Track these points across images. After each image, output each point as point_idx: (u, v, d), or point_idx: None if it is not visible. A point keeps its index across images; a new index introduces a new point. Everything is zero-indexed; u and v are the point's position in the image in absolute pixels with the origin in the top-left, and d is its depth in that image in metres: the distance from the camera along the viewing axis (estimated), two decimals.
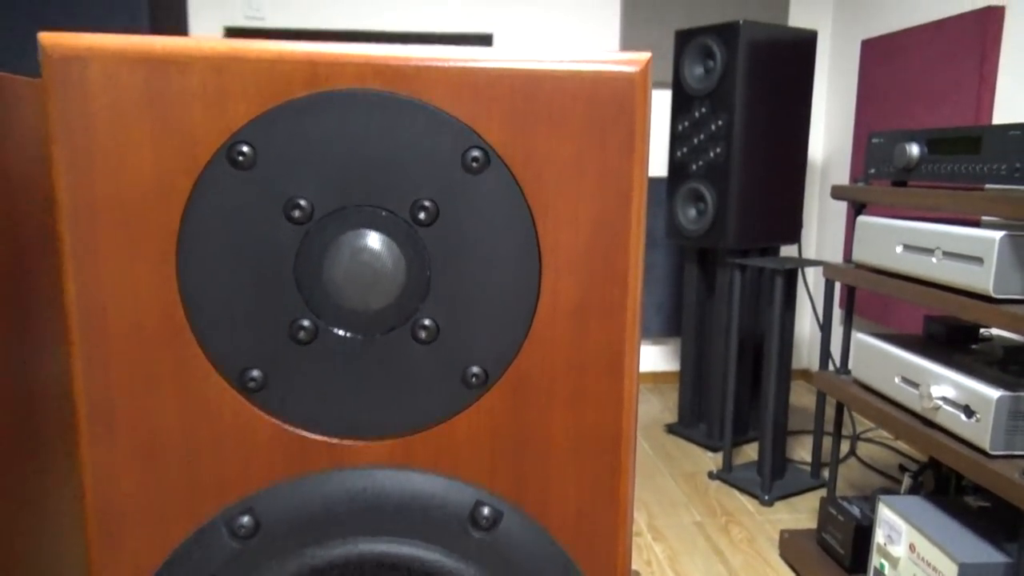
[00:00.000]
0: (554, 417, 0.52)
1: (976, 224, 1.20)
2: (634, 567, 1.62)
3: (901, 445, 2.34)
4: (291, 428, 0.51)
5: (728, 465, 2.10)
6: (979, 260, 1.11)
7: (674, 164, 2.30)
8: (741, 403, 2.33)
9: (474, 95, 0.48)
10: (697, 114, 2.21)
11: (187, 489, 0.50)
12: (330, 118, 0.47)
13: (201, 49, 0.46)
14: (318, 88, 0.47)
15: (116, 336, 0.49)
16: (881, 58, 2.50)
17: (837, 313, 2.74)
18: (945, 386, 1.19)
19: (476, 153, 0.48)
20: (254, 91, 0.47)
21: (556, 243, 0.50)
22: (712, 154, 2.17)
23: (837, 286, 2.52)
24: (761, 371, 2.33)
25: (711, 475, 2.11)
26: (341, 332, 0.50)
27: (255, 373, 0.50)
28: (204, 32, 2.61)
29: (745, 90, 2.11)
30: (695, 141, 2.22)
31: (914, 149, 1.30)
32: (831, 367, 1.64)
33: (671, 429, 2.46)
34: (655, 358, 2.99)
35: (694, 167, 2.23)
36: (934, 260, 1.22)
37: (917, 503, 1.28)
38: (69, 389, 1.04)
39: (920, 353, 1.30)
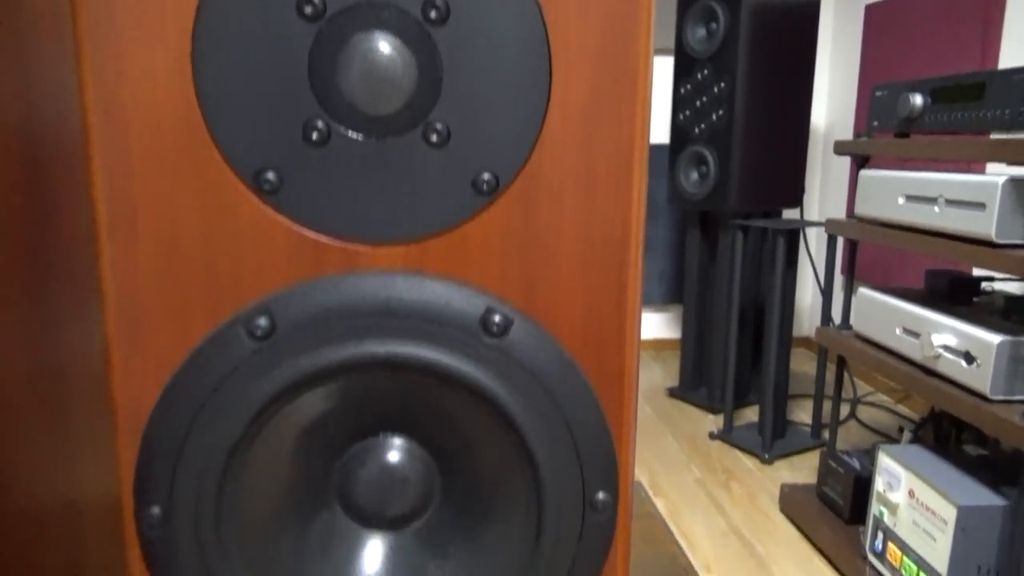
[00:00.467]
0: (564, 223, 0.53)
1: (976, 172, 1.21)
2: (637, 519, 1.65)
3: (902, 408, 2.36)
4: (305, 230, 0.51)
5: (729, 426, 2.11)
6: (981, 206, 1.12)
7: (676, 128, 2.29)
8: (742, 367, 2.35)
9: None
10: (699, 76, 2.20)
11: (206, 288, 0.51)
12: None
13: None
14: None
15: (135, 134, 0.49)
16: (885, 23, 2.49)
17: (839, 280, 2.74)
18: (946, 334, 1.20)
19: None
20: None
21: (566, 42, 0.50)
22: (714, 117, 2.16)
23: (839, 248, 2.52)
24: (762, 336, 2.34)
25: (712, 436, 2.13)
26: (354, 134, 0.50)
27: (270, 175, 0.50)
28: None
29: (747, 53, 2.10)
30: (697, 104, 2.21)
31: (917, 99, 1.30)
32: (832, 326, 1.64)
33: (672, 393, 2.47)
34: (657, 326, 3.00)
35: (696, 131, 2.23)
36: (936, 209, 1.23)
37: (916, 452, 1.29)
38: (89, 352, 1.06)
39: (921, 304, 1.30)
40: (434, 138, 0.50)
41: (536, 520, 0.53)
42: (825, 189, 2.91)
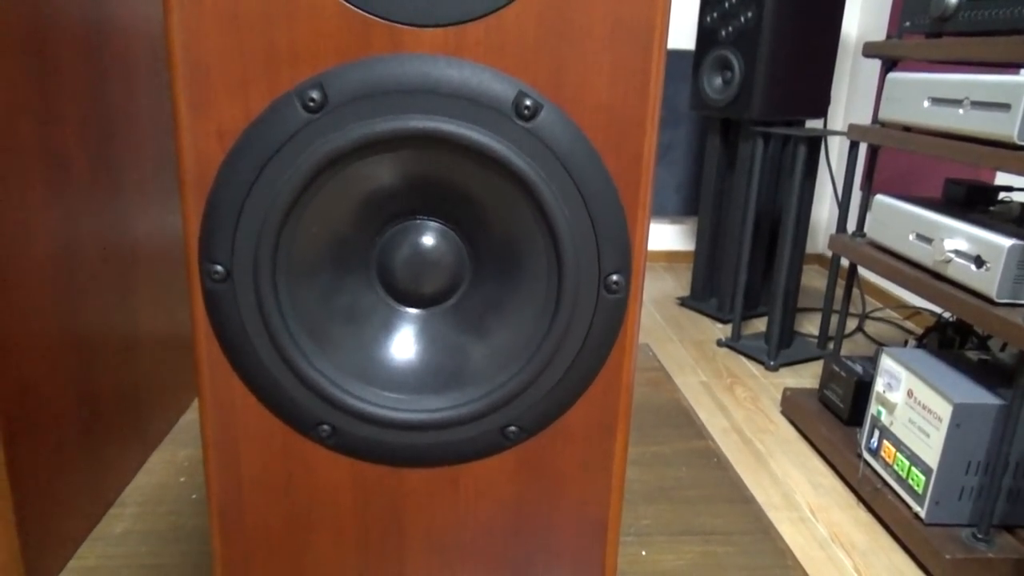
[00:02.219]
0: (594, 11, 0.56)
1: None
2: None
3: (910, 324, 2.38)
4: (356, 9, 0.55)
5: (737, 334, 2.15)
6: (1007, 107, 1.10)
7: (703, 30, 2.24)
8: (754, 279, 2.36)
9: None
10: None
11: (264, 61, 0.56)
12: None
13: None
14: None
15: None
16: None
17: (858, 193, 2.72)
18: (958, 239, 1.20)
19: None
20: None
21: None
22: (743, 19, 2.10)
23: (861, 158, 2.48)
24: (776, 248, 2.34)
25: (719, 343, 2.16)
26: None
27: None
28: None
29: None
30: (726, 5, 2.15)
31: None
32: (847, 234, 1.65)
33: (683, 302, 2.50)
34: (671, 237, 3.00)
35: (723, 34, 2.17)
36: (961, 111, 1.21)
37: (918, 354, 1.32)
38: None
39: (936, 210, 1.30)
40: None
41: (555, 297, 0.59)
42: (851, 100, 2.85)
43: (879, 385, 1.34)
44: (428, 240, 0.61)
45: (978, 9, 1.21)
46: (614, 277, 0.60)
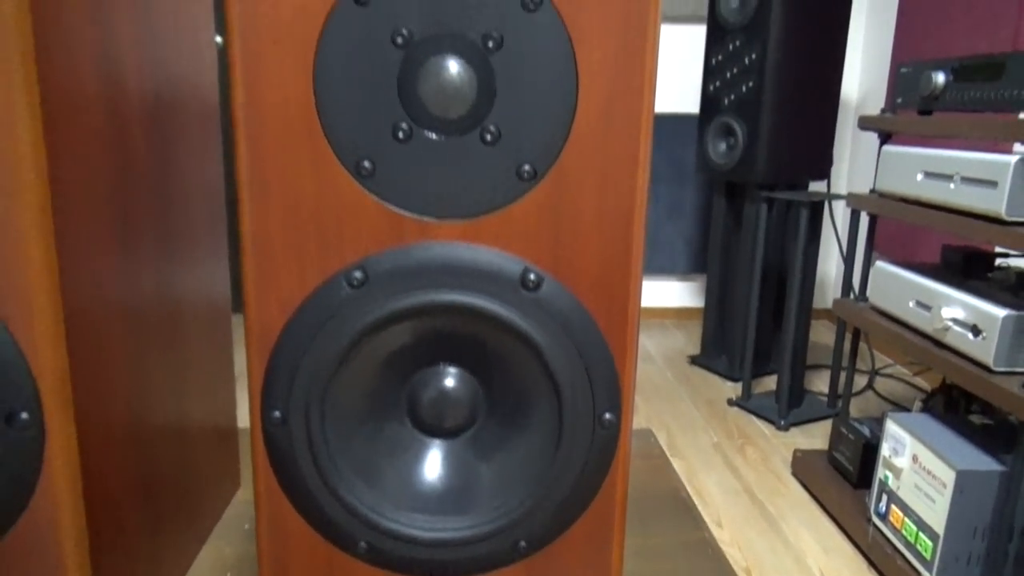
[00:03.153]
0: (584, 203, 0.68)
1: (1001, 152, 1.24)
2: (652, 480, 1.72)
3: (919, 381, 2.39)
4: (392, 208, 0.67)
5: (747, 393, 2.17)
6: (993, 184, 1.15)
7: (706, 98, 2.32)
8: (762, 337, 2.40)
9: None
10: (731, 47, 2.22)
11: (317, 245, 0.68)
12: None
13: None
14: None
15: (269, 124, 0.65)
16: None
17: (862, 258, 2.76)
18: (955, 307, 1.24)
19: None
20: None
21: (590, 64, 0.65)
22: (744, 88, 2.18)
23: (863, 221, 2.54)
24: (784, 307, 2.38)
25: (730, 402, 2.19)
26: (429, 133, 0.66)
27: (366, 163, 0.66)
28: None
29: (780, 23, 2.11)
30: (728, 75, 2.23)
31: (939, 77, 1.32)
32: (852, 297, 1.69)
33: (694, 360, 2.53)
34: (681, 294, 3.05)
35: (726, 101, 2.25)
36: (952, 186, 1.26)
37: (923, 419, 1.35)
38: (170, 291, 1.15)
39: (934, 278, 1.34)
40: (488, 137, 0.66)
41: (557, 433, 0.70)
42: (855, 161, 2.91)
43: (885, 450, 1.37)
44: (449, 383, 0.73)
45: (964, 90, 1.27)
46: (607, 416, 0.71)
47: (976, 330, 1.19)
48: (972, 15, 2.22)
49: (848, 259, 1.75)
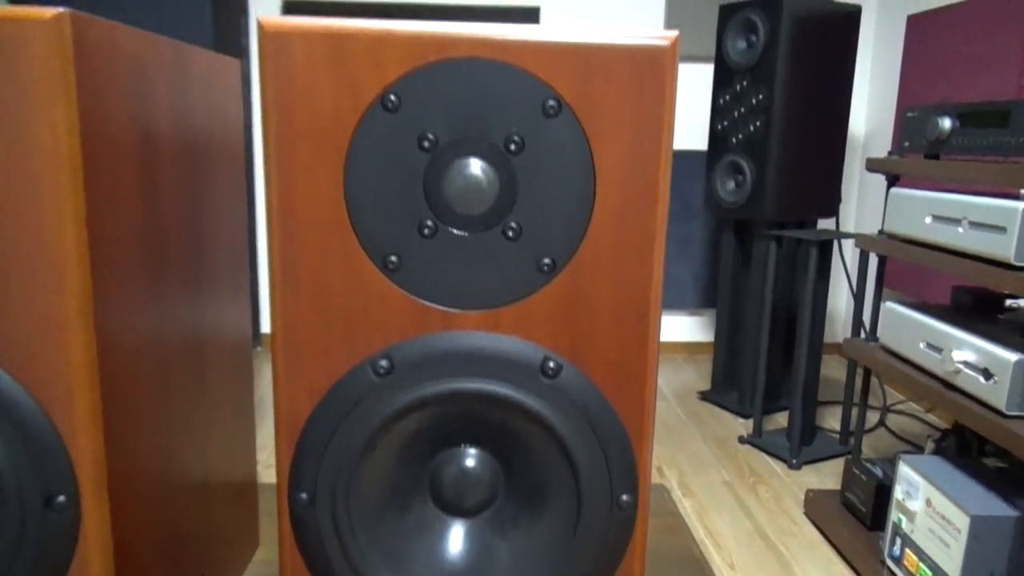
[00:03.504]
0: (601, 294, 0.70)
1: (1008, 196, 1.25)
2: (664, 517, 1.72)
3: (931, 417, 2.38)
4: (417, 299, 0.70)
5: (758, 431, 2.17)
6: (1003, 229, 1.16)
7: (714, 137, 2.34)
8: (773, 373, 2.39)
9: (551, 61, 0.66)
10: (738, 87, 2.25)
11: (345, 335, 0.70)
12: (451, 77, 0.66)
13: (368, 28, 0.65)
14: (444, 56, 0.66)
15: (301, 221, 0.68)
16: (926, 33, 2.50)
17: (873, 284, 2.77)
18: (966, 351, 1.25)
19: (552, 102, 0.67)
20: (402, 57, 0.66)
21: (607, 165, 0.68)
22: (752, 128, 2.21)
23: (872, 259, 2.54)
24: (794, 342, 2.39)
25: (741, 439, 2.18)
26: (453, 230, 0.69)
27: (393, 258, 0.69)
28: (264, 5, 2.70)
29: (787, 64, 2.14)
30: (735, 114, 2.26)
31: (946, 122, 1.34)
32: (864, 333, 1.69)
33: (704, 396, 2.53)
34: (690, 329, 3.05)
35: (734, 140, 2.27)
36: (960, 230, 1.27)
37: (936, 462, 1.34)
38: (196, 332, 1.16)
39: (944, 320, 1.35)
40: (510, 233, 0.69)
41: (575, 514, 0.72)
42: (863, 198, 2.93)
43: (898, 492, 1.36)
44: (470, 463, 0.75)
45: (971, 135, 1.29)
46: (624, 498, 0.73)
47: (988, 374, 1.19)
48: (978, 60, 2.25)
49: (858, 298, 1.75)
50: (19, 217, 0.73)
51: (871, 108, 2.88)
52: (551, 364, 0.70)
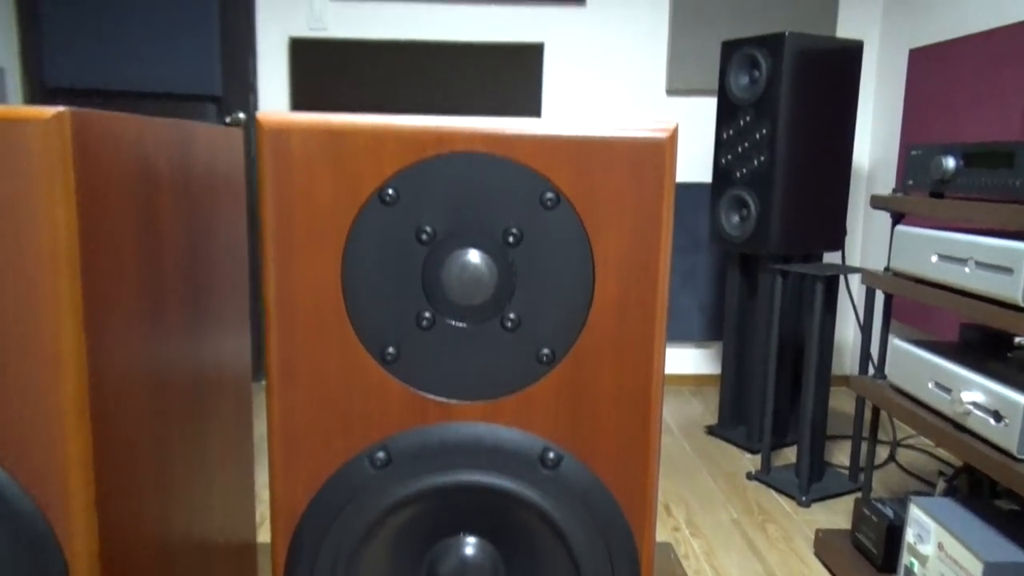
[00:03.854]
0: (601, 384, 0.70)
1: (1012, 236, 1.25)
2: (670, 557, 1.69)
3: (942, 452, 2.36)
4: (415, 390, 0.70)
5: (767, 467, 2.14)
6: (1009, 271, 1.16)
7: (718, 170, 2.35)
8: (781, 407, 2.38)
9: (549, 154, 0.67)
10: (742, 122, 2.26)
11: (342, 426, 0.70)
12: (450, 171, 0.66)
13: (366, 123, 0.66)
14: (442, 150, 0.66)
15: (299, 315, 0.68)
16: (929, 67, 2.51)
17: (880, 319, 2.75)
18: (976, 392, 1.24)
19: (550, 195, 0.67)
20: (400, 152, 0.66)
21: (606, 257, 0.68)
22: (756, 162, 2.22)
23: (879, 293, 2.54)
24: (802, 375, 2.37)
25: (749, 476, 2.16)
26: (452, 321, 0.69)
27: (391, 349, 0.69)
28: (271, 43, 2.74)
29: (790, 100, 2.15)
30: (739, 149, 2.27)
31: (950, 162, 1.34)
32: (872, 368, 1.68)
33: (711, 431, 2.51)
34: (697, 361, 3.04)
35: (738, 174, 2.28)
36: (967, 270, 1.27)
37: (947, 504, 1.32)
38: (197, 373, 1.15)
39: (953, 359, 1.34)
40: (508, 324, 0.69)
41: None
42: (868, 231, 2.93)
43: (910, 535, 1.34)
44: (470, 552, 0.75)
45: (975, 175, 1.29)
46: None
47: (998, 416, 1.18)
48: (981, 94, 2.25)
49: (865, 333, 1.74)
50: (17, 315, 0.73)
51: (875, 141, 2.89)
52: (551, 455, 0.69)
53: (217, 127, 1.23)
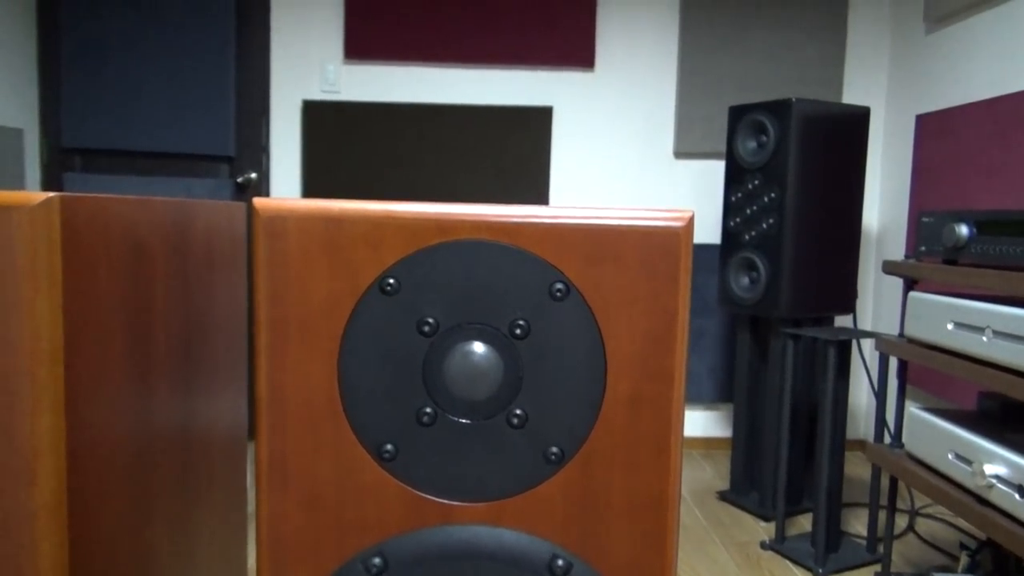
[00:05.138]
0: (614, 486, 0.65)
1: None
2: None
3: (962, 522, 2.29)
4: (414, 491, 0.65)
5: (781, 536, 2.08)
6: None
7: (727, 233, 2.35)
8: (794, 472, 2.32)
9: (558, 242, 0.64)
10: (750, 186, 2.27)
11: (336, 531, 0.65)
12: (453, 260, 0.63)
13: (365, 210, 0.64)
14: (445, 238, 0.63)
15: (292, 412, 0.64)
16: (936, 133, 2.53)
17: (895, 384, 2.71)
18: (998, 464, 1.20)
19: (559, 285, 0.64)
20: (400, 240, 0.64)
21: (618, 351, 0.64)
22: (765, 225, 2.22)
23: (892, 360, 2.51)
24: (815, 440, 2.32)
25: (763, 545, 2.10)
26: (454, 417, 0.65)
27: (389, 447, 0.65)
28: (285, 105, 2.79)
29: (797, 164, 2.17)
30: (748, 212, 2.28)
31: (963, 230, 1.34)
32: (888, 436, 1.64)
33: (723, 496, 2.45)
34: (707, 424, 2.99)
35: (747, 237, 2.28)
36: (984, 339, 1.25)
37: None
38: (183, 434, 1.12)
39: (973, 430, 1.31)
40: (515, 421, 0.65)
41: None
42: (879, 294, 2.91)
43: None
44: None
45: (989, 243, 1.28)
46: None
47: (1023, 491, 1.14)
48: (988, 161, 2.27)
49: (880, 400, 1.71)
50: None
51: (883, 204, 2.90)
52: (559, 561, 0.65)
53: (218, 203, 1.21)
